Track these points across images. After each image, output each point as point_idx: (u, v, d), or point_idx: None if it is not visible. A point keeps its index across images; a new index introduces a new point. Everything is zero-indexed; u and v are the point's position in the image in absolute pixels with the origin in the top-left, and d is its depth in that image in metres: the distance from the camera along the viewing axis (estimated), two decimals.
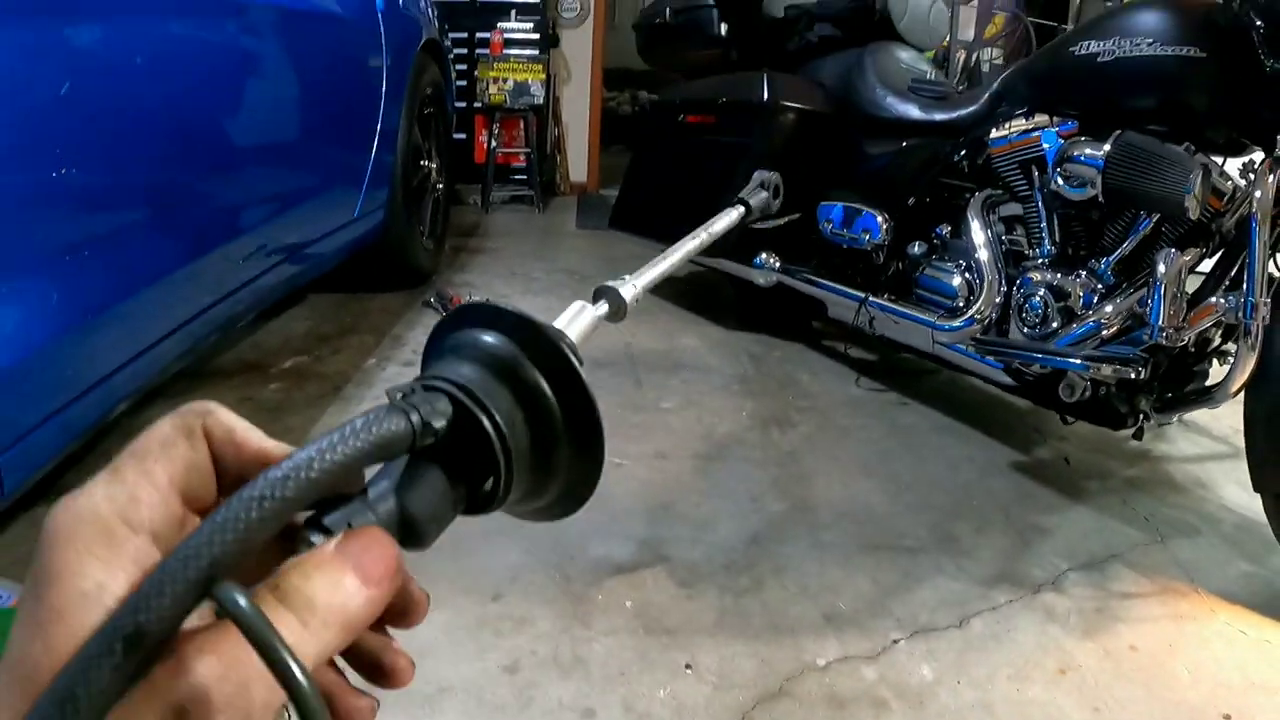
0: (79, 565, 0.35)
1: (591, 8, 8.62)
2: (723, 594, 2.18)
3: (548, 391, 0.48)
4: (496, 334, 0.49)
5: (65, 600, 0.34)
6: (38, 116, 1.64)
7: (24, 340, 1.60)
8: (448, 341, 0.50)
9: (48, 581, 0.35)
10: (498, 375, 0.47)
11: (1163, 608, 2.28)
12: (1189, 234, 2.67)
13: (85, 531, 0.36)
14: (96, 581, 0.35)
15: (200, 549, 0.34)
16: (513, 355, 0.48)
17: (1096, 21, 2.91)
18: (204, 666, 0.34)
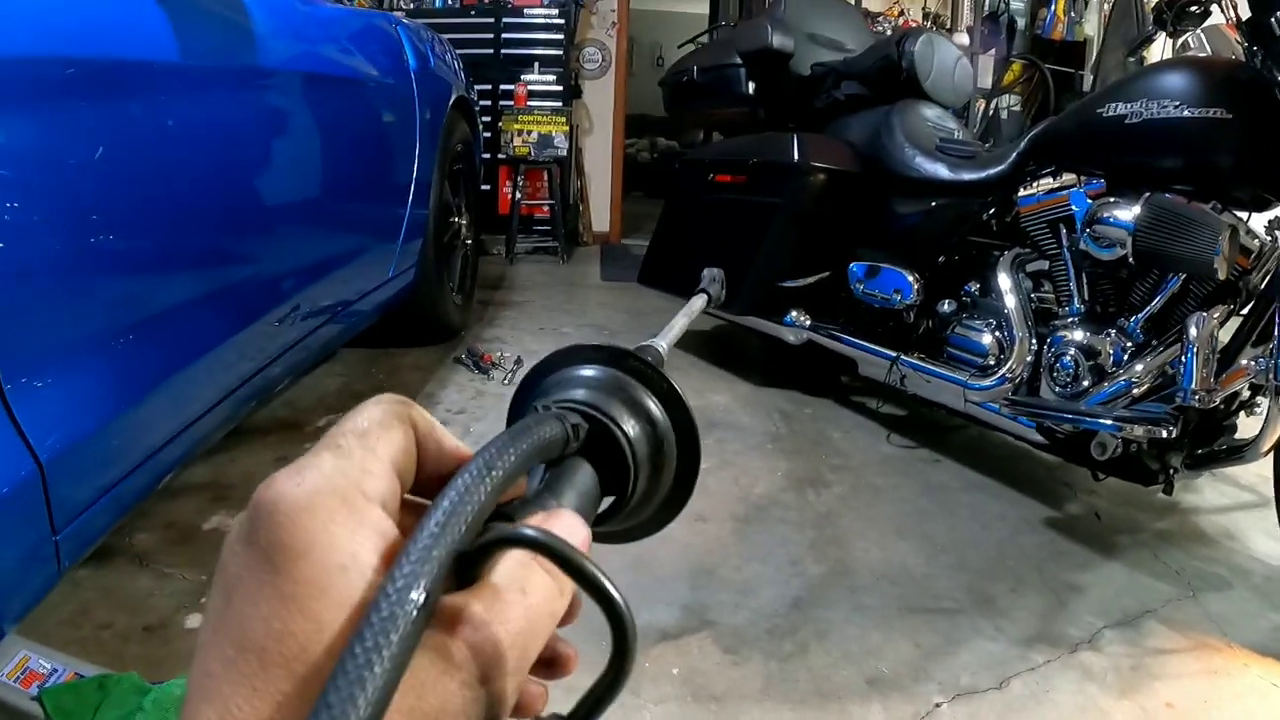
0: (328, 537, 0.35)
1: (613, 59, 8.67)
2: (768, 660, 2.19)
3: (657, 405, 0.52)
4: (595, 365, 0.53)
5: (323, 573, 0.34)
6: (95, 199, 1.66)
7: (82, 421, 1.62)
8: (549, 380, 0.53)
9: (294, 556, 0.34)
10: (612, 395, 0.51)
11: (1197, 663, 2.28)
12: (1217, 291, 2.69)
13: (325, 503, 0.36)
14: (350, 553, 0.35)
15: (454, 514, 0.36)
16: (620, 378, 0.52)
17: (1123, 83, 2.93)
18: (495, 635, 0.36)
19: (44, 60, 1.52)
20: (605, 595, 0.37)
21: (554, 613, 0.39)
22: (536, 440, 0.42)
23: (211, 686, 0.33)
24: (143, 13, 1.84)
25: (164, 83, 1.89)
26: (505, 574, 0.38)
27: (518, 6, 8.02)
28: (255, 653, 0.33)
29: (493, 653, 0.36)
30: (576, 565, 0.37)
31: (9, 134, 1.42)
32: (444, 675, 0.34)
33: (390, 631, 0.31)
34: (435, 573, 0.34)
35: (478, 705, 0.35)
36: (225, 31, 2.20)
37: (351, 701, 0.30)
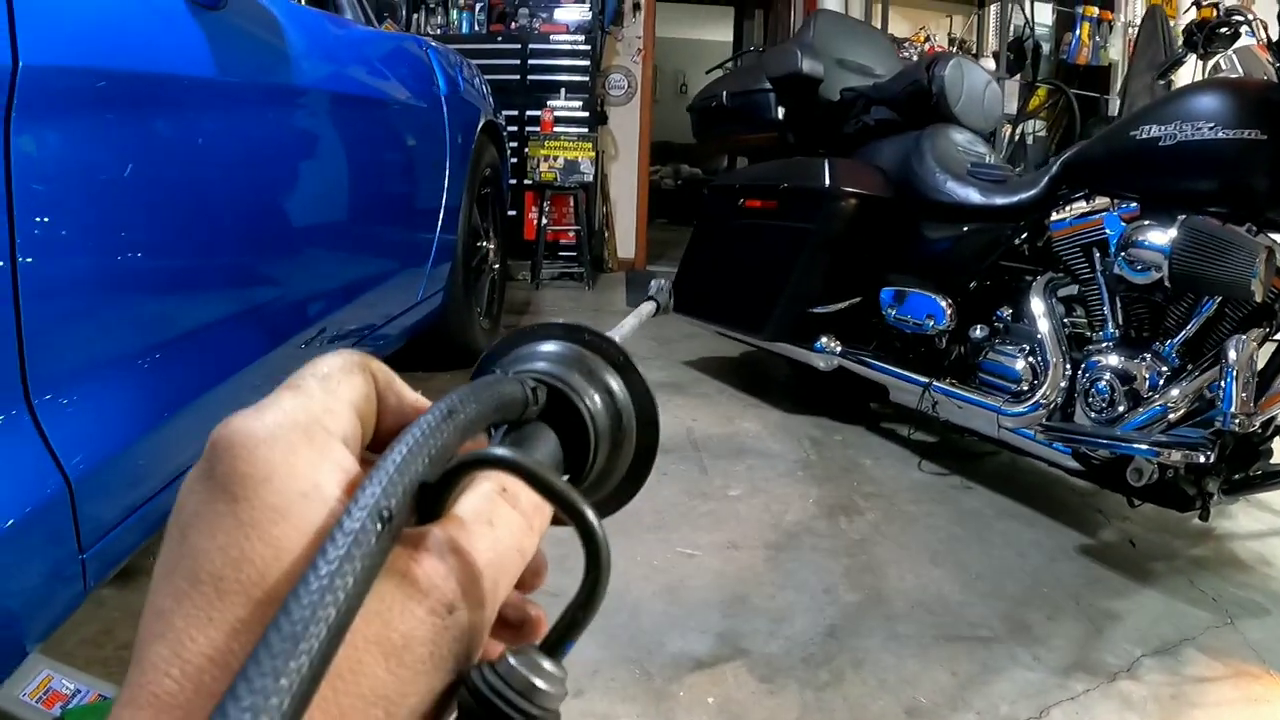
0: (289, 467, 0.34)
1: (639, 86, 8.71)
2: (803, 689, 2.16)
3: (616, 378, 0.51)
4: (553, 340, 0.52)
5: (285, 500, 0.33)
6: (127, 214, 1.66)
7: (110, 439, 1.62)
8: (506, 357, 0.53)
9: (254, 483, 0.33)
10: (571, 367, 0.50)
11: (1236, 691, 2.25)
12: (1253, 314, 2.67)
13: (286, 435, 0.35)
14: (313, 482, 0.34)
15: (419, 445, 0.35)
16: (579, 351, 0.51)
17: (1157, 106, 2.93)
18: (460, 564, 0.35)
19: (79, 71, 1.53)
20: (575, 510, 0.37)
21: (522, 549, 0.39)
22: (496, 395, 0.42)
23: (163, 623, 0.32)
24: (181, 28, 1.85)
25: (200, 99, 1.91)
26: (471, 507, 0.38)
27: (544, 33, 8.07)
28: (211, 583, 0.32)
29: (460, 581, 0.35)
30: (545, 480, 0.37)
31: (42, 147, 1.42)
32: (410, 601, 0.34)
33: (353, 550, 0.31)
34: (400, 497, 0.33)
35: (447, 634, 0.34)
36: (261, 51, 2.22)
37: (312, 618, 0.29)
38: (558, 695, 0.35)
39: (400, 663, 0.33)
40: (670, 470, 3.52)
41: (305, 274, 2.53)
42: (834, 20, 5.01)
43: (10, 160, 1.33)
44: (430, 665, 0.34)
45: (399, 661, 0.33)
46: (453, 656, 0.35)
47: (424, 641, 0.33)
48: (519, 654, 0.35)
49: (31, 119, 1.38)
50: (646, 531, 2.94)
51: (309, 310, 2.54)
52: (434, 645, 0.34)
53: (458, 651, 0.35)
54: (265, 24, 2.25)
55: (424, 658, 0.34)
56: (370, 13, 3.49)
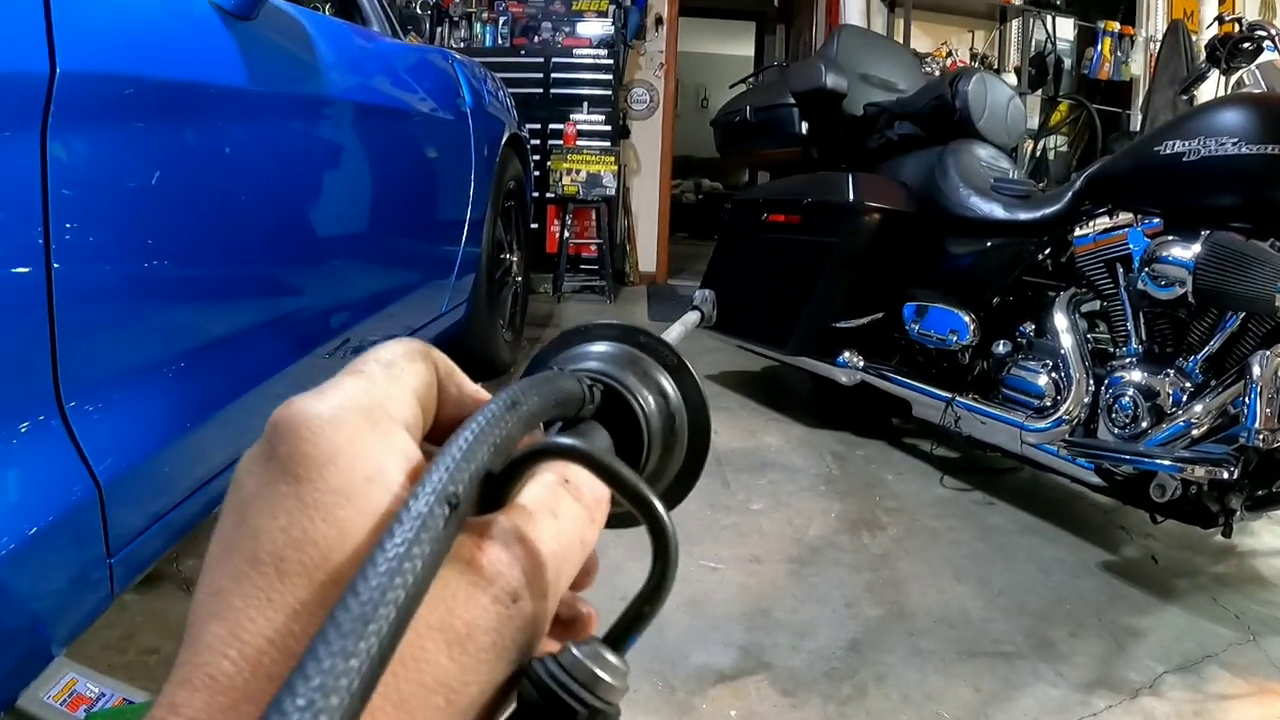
0: (353, 449, 0.34)
1: (661, 100, 8.72)
2: (826, 703, 2.16)
3: (670, 381, 0.51)
4: (608, 341, 0.52)
5: (349, 483, 0.33)
6: (156, 221, 1.67)
7: (140, 445, 1.63)
8: (562, 355, 0.53)
9: (319, 464, 0.33)
10: (626, 367, 0.50)
11: (1259, 708, 2.24)
12: (1276, 329, 2.66)
13: (351, 418, 0.35)
14: (377, 466, 0.34)
15: (484, 434, 0.35)
16: (633, 353, 0.51)
17: (1180, 121, 2.92)
18: (524, 553, 0.35)
19: (114, 78, 1.54)
20: (644, 502, 0.37)
21: (584, 541, 0.39)
22: (557, 390, 0.42)
23: (220, 602, 0.32)
24: (213, 37, 1.86)
25: (230, 109, 1.91)
26: (534, 497, 0.38)
27: (567, 46, 8.10)
28: (272, 563, 0.32)
29: (525, 570, 0.35)
30: (614, 472, 0.37)
31: (77, 153, 1.43)
32: (474, 589, 0.34)
33: (421, 534, 0.31)
34: (466, 484, 0.33)
35: (511, 624, 0.34)
36: (291, 62, 2.23)
37: (380, 600, 0.29)
38: (620, 689, 0.35)
39: (463, 650, 0.33)
40: None
41: (331, 284, 2.54)
42: (857, 35, 5.03)
43: (46, 165, 1.34)
44: (493, 655, 0.34)
45: (462, 649, 0.33)
46: (515, 646, 0.35)
47: (487, 630, 0.33)
48: (583, 645, 0.35)
49: (67, 125, 1.39)
50: None
51: (334, 321, 2.55)
52: (497, 634, 0.34)
53: (521, 642, 0.35)
54: (295, 35, 2.26)
55: (487, 646, 0.33)
56: (397, 25, 3.51)
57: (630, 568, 2.71)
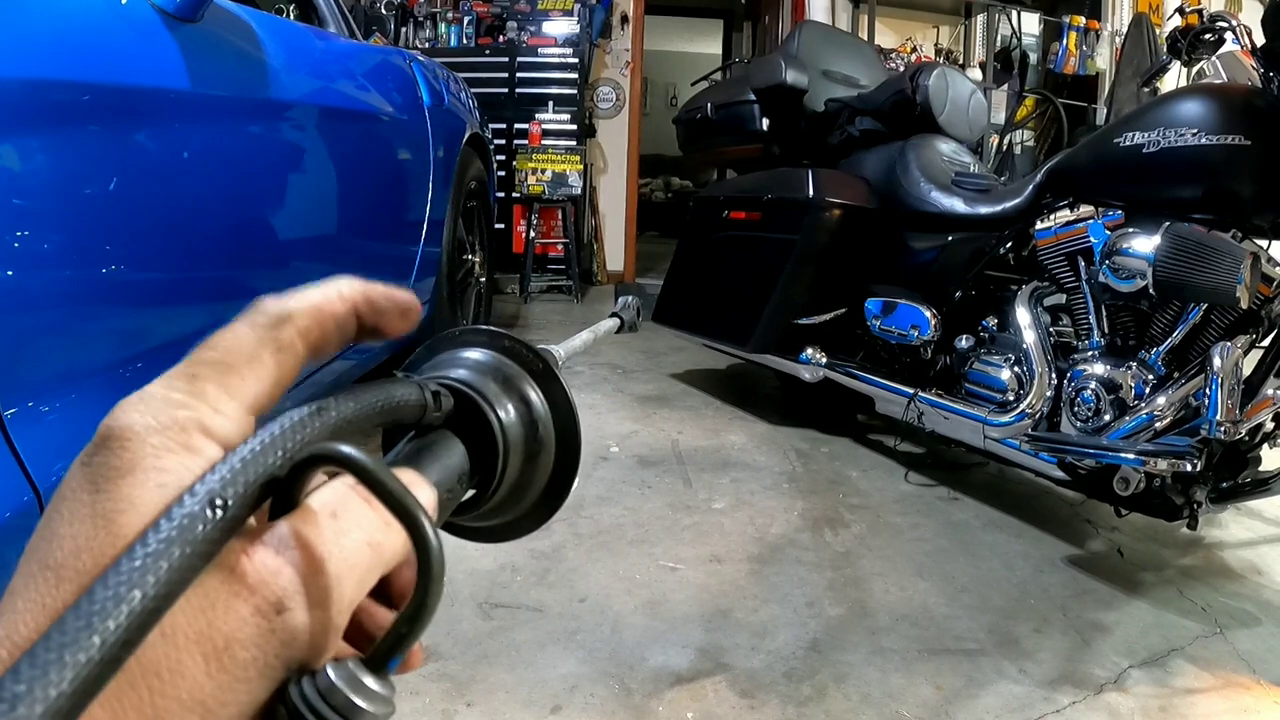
0: (156, 460, 0.33)
1: (627, 98, 8.72)
2: (785, 704, 2.14)
3: (535, 388, 0.50)
4: (475, 347, 0.51)
5: (140, 491, 0.32)
6: (102, 226, 1.66)
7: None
8: (429, 363, 0.51)
9: (117, 475, 0.33)
10: (486, 374, 0.49)
11: (1226, 702, 2.23)
12: (1239, 321, 2.66)
13: (163, 433, 0.34)
14: (176, 477, 0.33)
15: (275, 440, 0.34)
16: (497, 359, 0.50)
17: (1140, 113, 2.91)
18: (296, 559, 0.33)
19: (54, 84, 1.52)
20: (406, 513, 0.35)
21: (375, 545, 0.36)
22: (384, 396, 0.40)
23: (7, 603, 0.31)
24: (154, 40, 1.84)
25: (175, 112, 1.89)
26: (318, 499, 0.36)
27: (532, 46, 8.09)
28: (54, 569, 0.31)
29: (294, 577, 0.33)
30: (375, 477, 0.35)
31: (17, 159, 1.41)
32: (235, 598, 0.32)
33: (177, 534, 0.30)
34: (240, 488, 0.32)
35: (273, 638, 0.32)
36: (238, 63, 2.20)
37: (113, 602, 0.27)
38: (381, 715, 0.33)
39: (221, 666, 0.31)
40: (654, 483, 3.50)
41: (282, 287, 2.50)
42: (819, 31, 5.01)
43: None
44: (254, 671, 0.32)
45: (219, 665, 0.31)
46: (280, 663, 0.33)
47: (247, 644, 0.32)
48: (339, 667, 0.33)
49: (2, 130, 1.36)
50: (629, 545, 2.93)
51: None
52: (259, 649, 0.32)
53: (286, 658, 0.33)
54: (243, 36, 2.24)
55: (246, 663, 0.32)
56: (355, 26, 3.48)
57: (588, 569, 2.69)
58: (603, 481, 3.49)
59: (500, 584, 2.62)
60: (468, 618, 2.44)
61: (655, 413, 4.47)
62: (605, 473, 3.59)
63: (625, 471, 3.61)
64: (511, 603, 2.53)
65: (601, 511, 3.18)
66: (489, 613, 2.47)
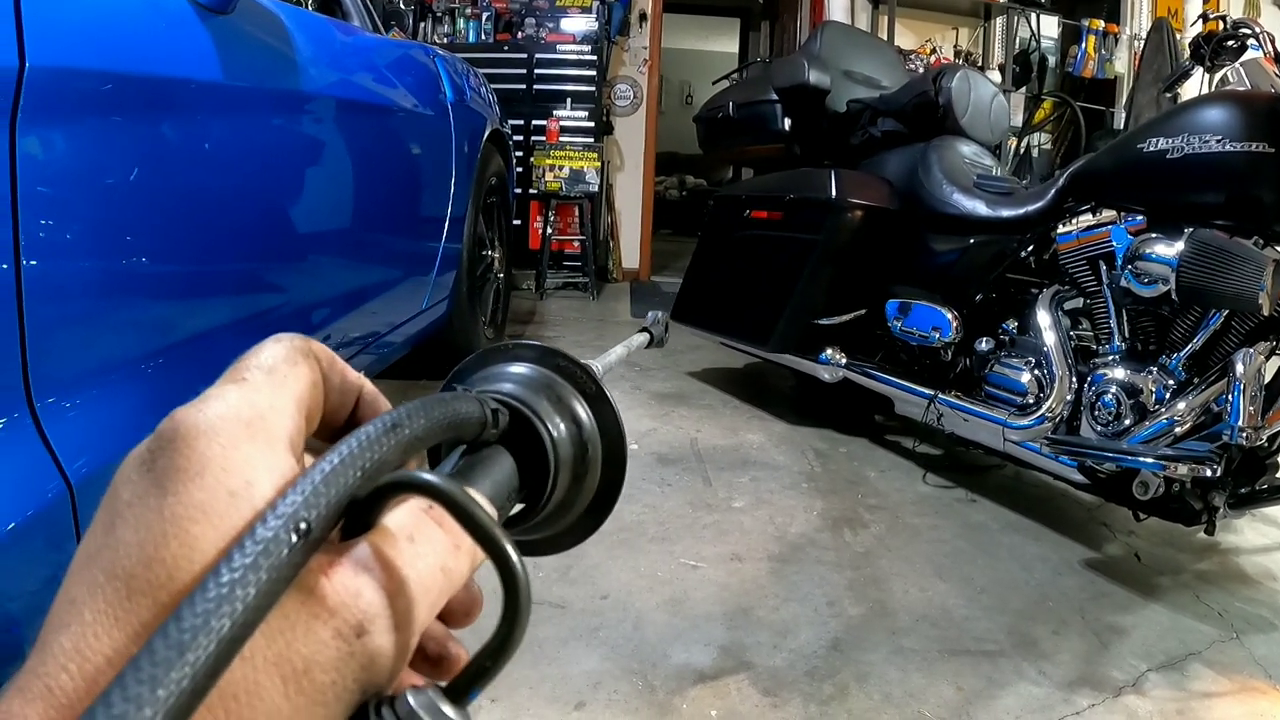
0: (225, 461, 0.33)
1: (645, 96, 8.71)
2: (807, 703, 2.15)
3: (586, 409, 0.51)
4: (525, 363, 0.52)
5: (211, 498, 0.32)
6: (131, 218, 1.66)
7: (112, 445, 1.60)
8: (478, 374, 0.52)
9: (186, 478, 0.32)
10: (539, 392, 0.49)
11: (1242, 706, 2.23)
12: (1259, 327, 2.66)
13: (228, 429, 0.34)
14: (245, 480, 0.33)
15: (352, 458, 0.34)
16: (550, 377, 0.51)
17: (1164, 119, 2.91)
18: (377, 582, 0.34)
19: (85, 73, 1.52)
20: (498, 549, 0.35)
21: (447, 569, 0.37)
22: (450, 413, 0.41)
23: (72, 614, 0.31)
24: (188, 32, 1.85)
25: (206, 104, 1.90)
26: (395, 521, 0.36)
27: (550, 42, 8.08)
28: (123, 579, 0.31)
29: (374, 600, 0.33)
30: (469, 513, 0.35)
31: (48, 149, 1.42)
32: (314, 620, 0.32)
33: (260, 560, 0.30)
34: (322, 510, 0.32)
35: (352, 661, 0.33)
36: (268, 56, 2.21)
37: (203, 628, 0.27)
38: None
39: (299, 689, 0.31)
40: (674, 481, 3.51)
41: (310, 280, 2.52)
42: (841, 32, 5.01)
43: (15, 162, 1.32)
44: (331, 695, 0.32)
45: (298, 688, 0.31)
46: (358, 687, 0.33)
47: (326, 668, 0.32)
48: (420, 695, 0.33)
49: (37, 120, 1.37)
50: (650, 543, 2.94)
51: (313, 317, 2.53)
52: (337, 673, 0.32)
53: (364, 681, 0.33)
54: (273, 29, 2.24)
55: (325, 686, 0.32)
56: (378, 20, 3.49)
57: (609, 566, 2.70)
58: None
59: None
60: (490, 613, 2.44)
61: (674, 411, 4.48)
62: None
63: (645, 469, 3.62)
64: (534, 599, 2.53)
65: (622, 509, 3.17)
66: None
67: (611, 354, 0.67)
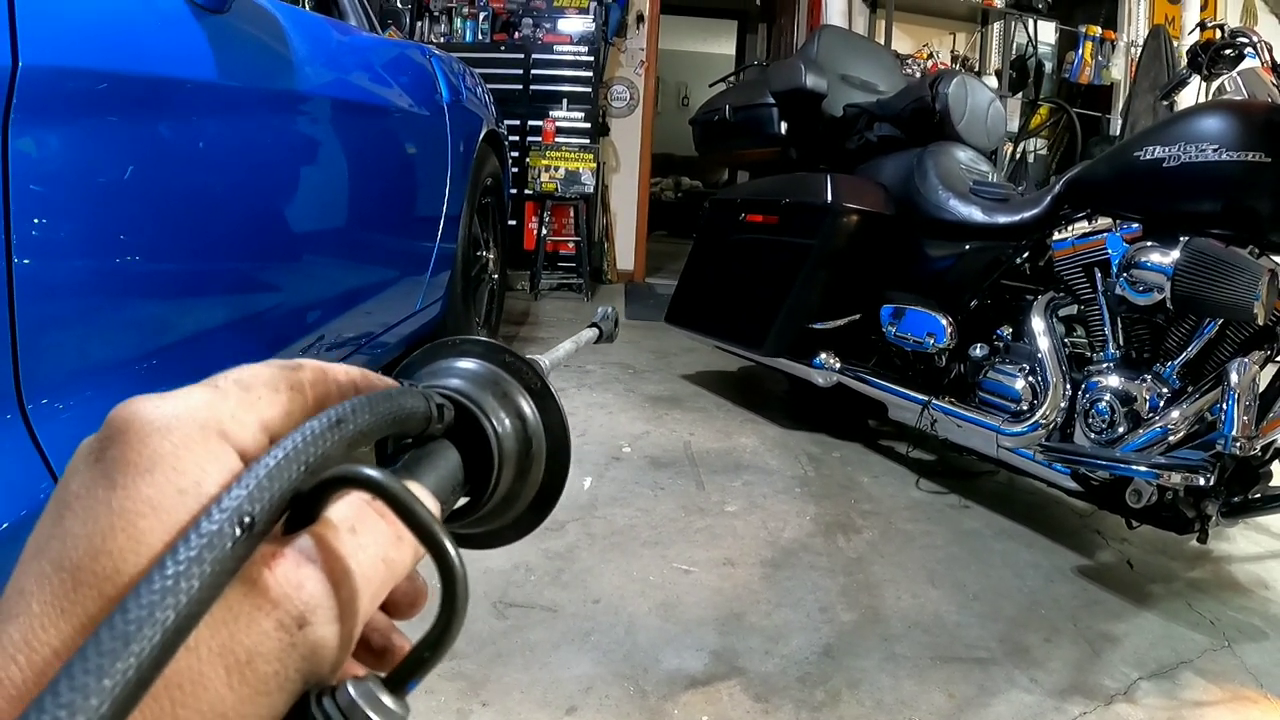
0: (176, 460, 0.33)
1: (641, 98, 8.71)
2: (799, 709, 2.14)
3: (530, 404, 0.51)
4: (471, 358, 0.52)
5: (159, 494, 0.32)
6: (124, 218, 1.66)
7: None
8: (426, 368, 0.52)
9: (136, 472, 0.32)
10: (484, 388, 0.50)
11: (1233, 715, 2.24)
12: (1254, 337, 2.66)
13: (183, 429, 0.34)
14: (195, 479, 0.33)
15: (296, 453, 0.34)
16: (496, 373, 0.51)
17: (1160, 127, 2.92)
18: (319, 574, 0.34)
19: (79, 73, 1.52)
20: (434, 542, 0.35)
21: (389, 560, 0.37)
22: (395, 408, 0.41)
23: (20, 605, 0.31)
24: (183, 31, 1.84)
25: (201, 103, 1.90)
26: (337, 513, 0.36)
27: (547, 43, 8.08)
28: (70, 571, 0.31)
29: (315, 591, 0.34)
30: (406, 506, 0.35)
31: (41, 148, 1.42)
32: (258, 611, 0.32)
33: (205, 553, 0.30)
34: (266, 504, 0.32)
35: (294, 652, 0.33)
36: (264, 56, 2.21)
37: (147, 619, 0.28)
38: None
39: (242, 679, 0.31)
40: (667, 485, 3.51)
41: (304, 281, 2.52)
42: (838, 36, 5.01)
43: (8, 161, 1.32)
44: (274, 685, 0.32)
45: (241, 678, 0.31)
46: (300, 677, 0.33)
47: (269, 658, 0.32)
48: (360, 685, 0.33)
49: (31, 120, 1.37)
50: (643, 547, 2.93)
51: (307, 318, 2.53)
52: (280, 663, 0.32)
53: (307, 671, 0.33)
54: (268, 28, 2.24)
55: (267, 676, 0.32)
56: (374, 19, 3.48)
57: (601, 570, 2.70)
58: (615, 482, 3.49)
59: (514, 583, 2.63)
60: (482, 617, 2.44)
61: (667, 414, 4.48)
62: (618, 473, 3.60)
63: (638, 472, 3.62)
64: (525, 602, 2.53)
65: (615, 512, 3.19)
66: (503, 612, 2.48)
67: (559, 349, 0.68)
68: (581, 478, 3.50)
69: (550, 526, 3.00)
